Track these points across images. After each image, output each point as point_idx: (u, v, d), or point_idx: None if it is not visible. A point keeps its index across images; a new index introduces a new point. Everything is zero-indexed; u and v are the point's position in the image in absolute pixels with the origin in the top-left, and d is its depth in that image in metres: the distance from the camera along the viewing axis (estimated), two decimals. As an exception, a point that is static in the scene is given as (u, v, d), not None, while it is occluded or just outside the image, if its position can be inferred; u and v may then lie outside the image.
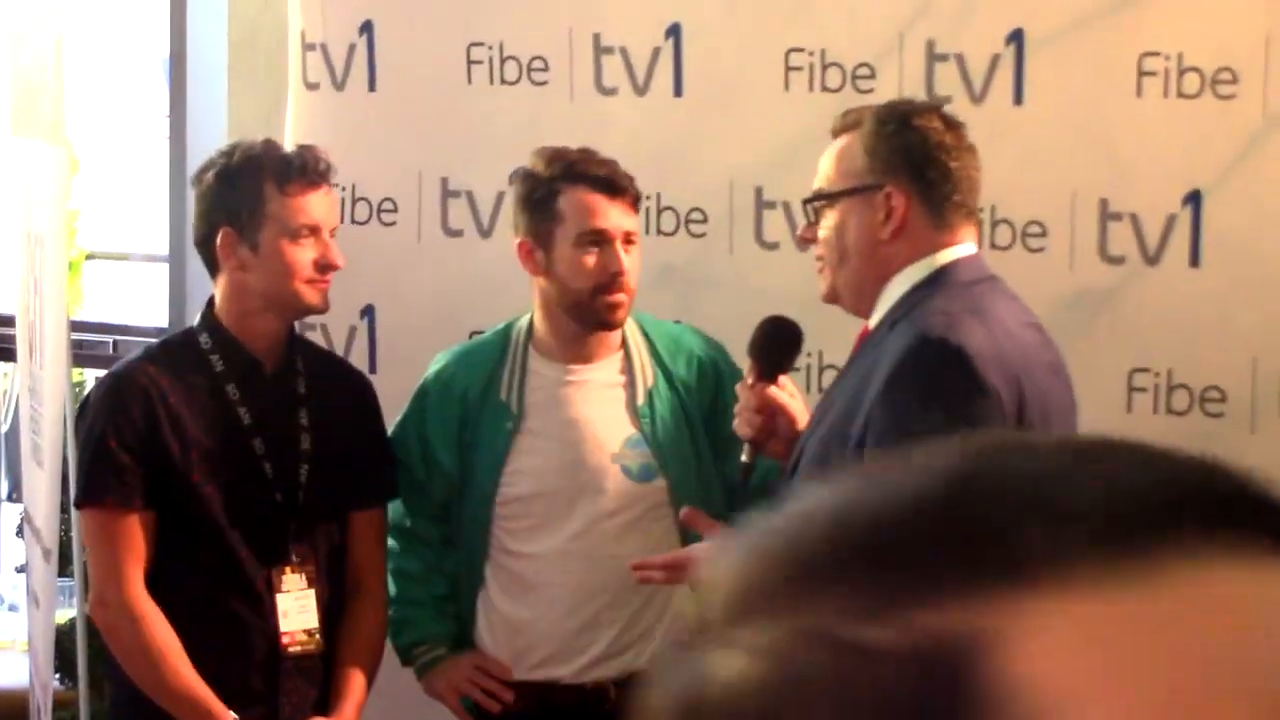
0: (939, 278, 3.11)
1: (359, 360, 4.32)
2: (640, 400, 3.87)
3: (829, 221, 3.20)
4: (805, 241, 3.33)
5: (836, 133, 3.25)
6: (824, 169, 3.23)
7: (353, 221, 4.33)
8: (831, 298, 3.26)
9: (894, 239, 3.13)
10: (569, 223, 3.76)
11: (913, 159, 3.13)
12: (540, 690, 3.90)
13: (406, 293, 4.40)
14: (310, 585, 3.72)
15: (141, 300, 8.29)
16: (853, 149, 3.18)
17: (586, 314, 3.81)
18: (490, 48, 4.32)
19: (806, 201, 3.27)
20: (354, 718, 3.77)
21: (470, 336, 4.15)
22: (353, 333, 4.42)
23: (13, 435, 6.02)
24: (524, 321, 3.92)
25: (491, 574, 3.91)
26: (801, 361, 3.76)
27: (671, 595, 3.81)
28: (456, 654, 3.93)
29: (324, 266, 3.67)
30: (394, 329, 4.41)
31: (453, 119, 4.36)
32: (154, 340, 4.09)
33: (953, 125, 3.20)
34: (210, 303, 3.78)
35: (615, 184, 3.78)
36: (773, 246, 4.26)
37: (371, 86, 4.39)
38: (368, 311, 4.41)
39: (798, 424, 3.35)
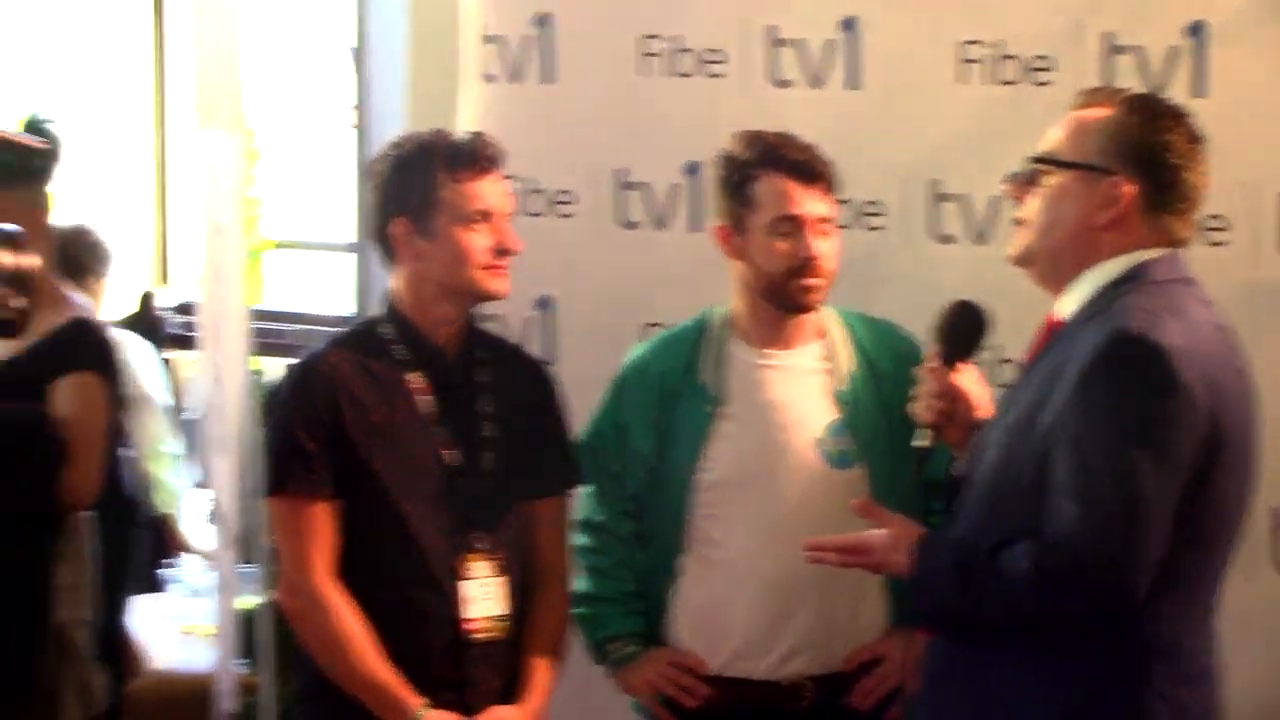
0: (1137, 274, 3.12)
1: (536, 351, 4.38)
2: (840, 386, 3.92)
3: (1046, 186, 3.20)
4: (1014, 197, 3.31)
5: (1080, 106, 3.24)
6: (1055, 135, 3.22)
7: (528, 214, 4.41)
8: (1024, 260, 3.25)
9: (1107, 228, 3.14)
10: (763, 208, 3.83)
11: (1151, 159, 3.14)
12: (735, 686, 3.94)
13: (582, 284, 4.48)
14: (495, 573, 3.75)
15: (331, 289, 8.39)
16: (1093, 127, 3.18)
17: (781, 297, 3.86)
18: (666, 40, 4.39)
19: (1033, 160, 3.24)
20: (541, 707, 3.81)
21: (645, 328, 4.23)
22: (528, 324, 4.51)
23: (202, 424, 6.17)
24: (721, 309, 3.97)
25: (685, 566, 3.95)
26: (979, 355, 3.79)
27: (864, 588, 3.85)
28: (649, 650, 3.98)
29: (500, 251, 3.71)
30: (570, 320, 4.49)
31: (628, 111, 4.43)
32: (338, 330, 4.16)
33: (1196, 138, 3.19)
34: (391, 292, 3.85)
35: (810, 169, 3.84)
36: (948, 240, 4.30)
37: (547, 79, 4.49)
38: (543, 303, 4.50)
39: (978, 411, 3.37)
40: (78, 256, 5.98)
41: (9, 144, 2.70)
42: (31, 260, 2.48)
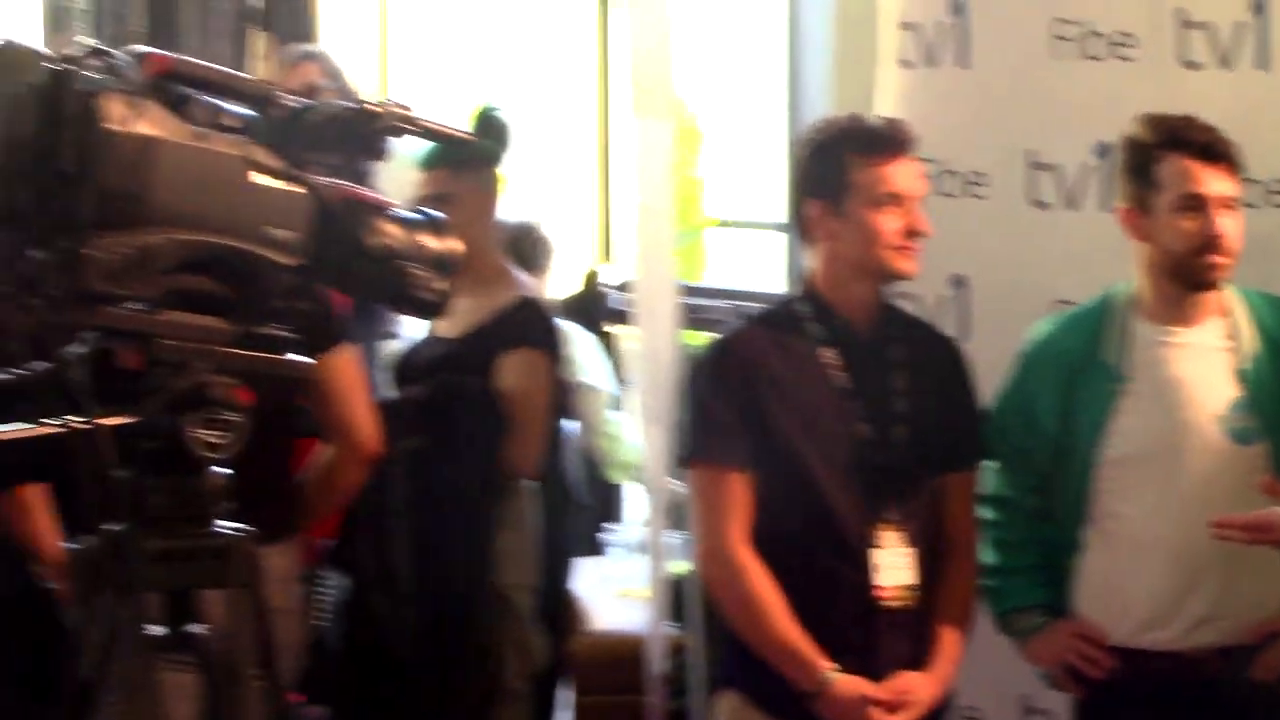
0: None
1: (950, 328, 4.42)
2: (1243, 365, 3.90)
3: None
4: None
5: None
6: None
7: (943, 194, 4.49)
8: None
9: None
10: (1168, 188, 3.83)
11: None
12: (1138, 657, 3.93)
13: (994, 263, 4.51)
14: (905, 543, 3.81)
15: (768, 267, 8.50)
16: None
17: (1186, 276, 3.87)
18: (1077, 24, 4.41)
19: None
20: (948, 674, 3.86)
21: (1054, 306, 4.26)
22: (943, 302, 4.58)
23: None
24: (1124, 287, 3.98)
25: (1089, 540, 3.97)
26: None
27: (1269, 559, 3.80)
28: (1054, 621, 4.01)
29: (910, 233, 3.78)
30: (983, 298, 4.53)
31: (1039, 94, 4.45)
32: (758, 307, 4.23)
33: None
34: (807, 271, 3.96)
35: (1214, 150, 3.83)
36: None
37: (962, 64, 4.55)
38: (958, 281, 4.57)
39: None
40: (524, 250, 6.26)
41: (460, 134, 2.90)
42: (454, 245, 2.67)
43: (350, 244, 2.57)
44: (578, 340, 6.38)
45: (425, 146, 4.26)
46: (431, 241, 2.64)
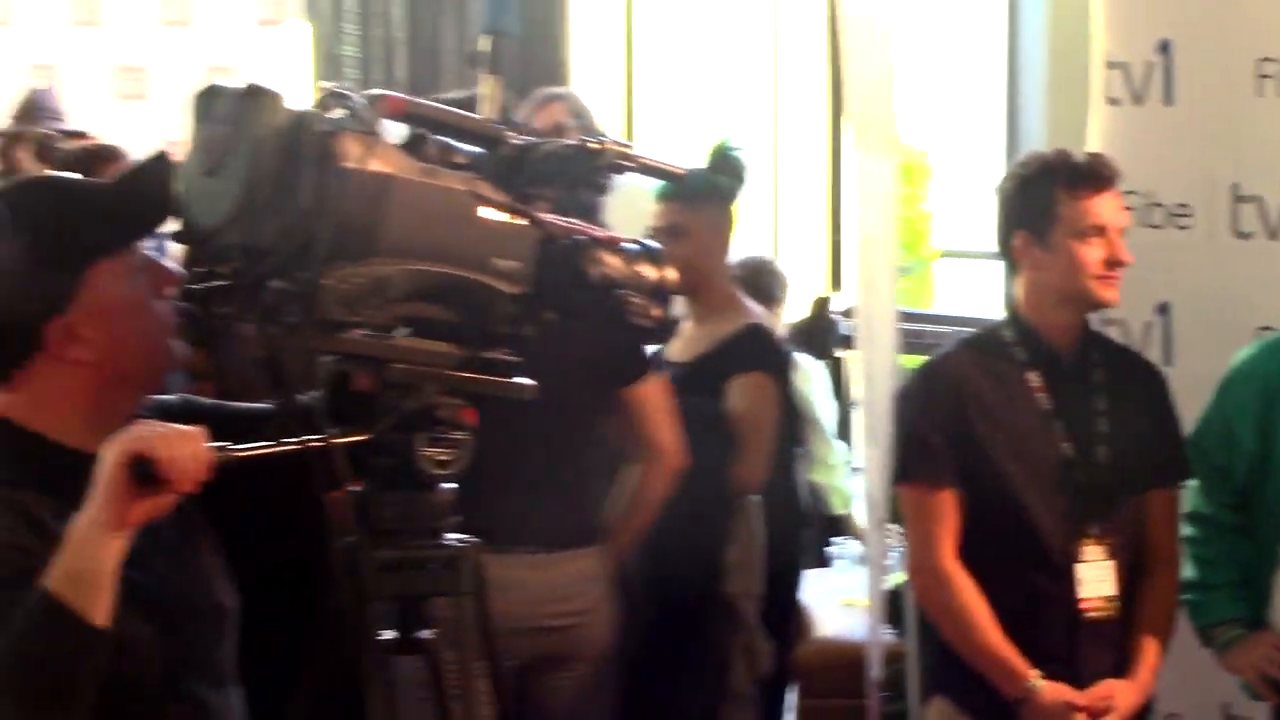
0: None
1: (1155, 354, 4.34)
2: None
3: None
4: None
5: None
6: None
7: (1149, 225, 4.39)
8: None
9: None
10: None
11: None
12: None
13: (1197, 291, 4.40)
14: (1107, 557, 3.77)
15: (991, 295, 8.43)
16: None
17: None
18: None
19: None
20: (1148, 682, 3.81)
21: (1256, 333, 4.15)
22: (1149, 328, 4.47)
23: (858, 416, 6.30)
24: None
25: None
26: None
27: None
28: (1254, 633, 3.90)
29: (1112, 263, 3.74)
30: (1187, 325, 4.42)
31: (1242, 130, 4.33)
32: (967, 332, 4.22)
33: None
34: (1013, 299, 3.91)
35: None
36: None
37: (1167, 101, 4.46)
38: (1162, 308, 4.47)
39: None
40: (761, 284, 6.24)
41: (677, 169, 2.87)
42: (671, 274, 2.64)
43: (571, 273, 2.54)
44: (804, 369, 6.34)
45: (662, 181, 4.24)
46: (649, 271, 2.61)
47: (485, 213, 2.49)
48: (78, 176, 2.64)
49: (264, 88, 2.36)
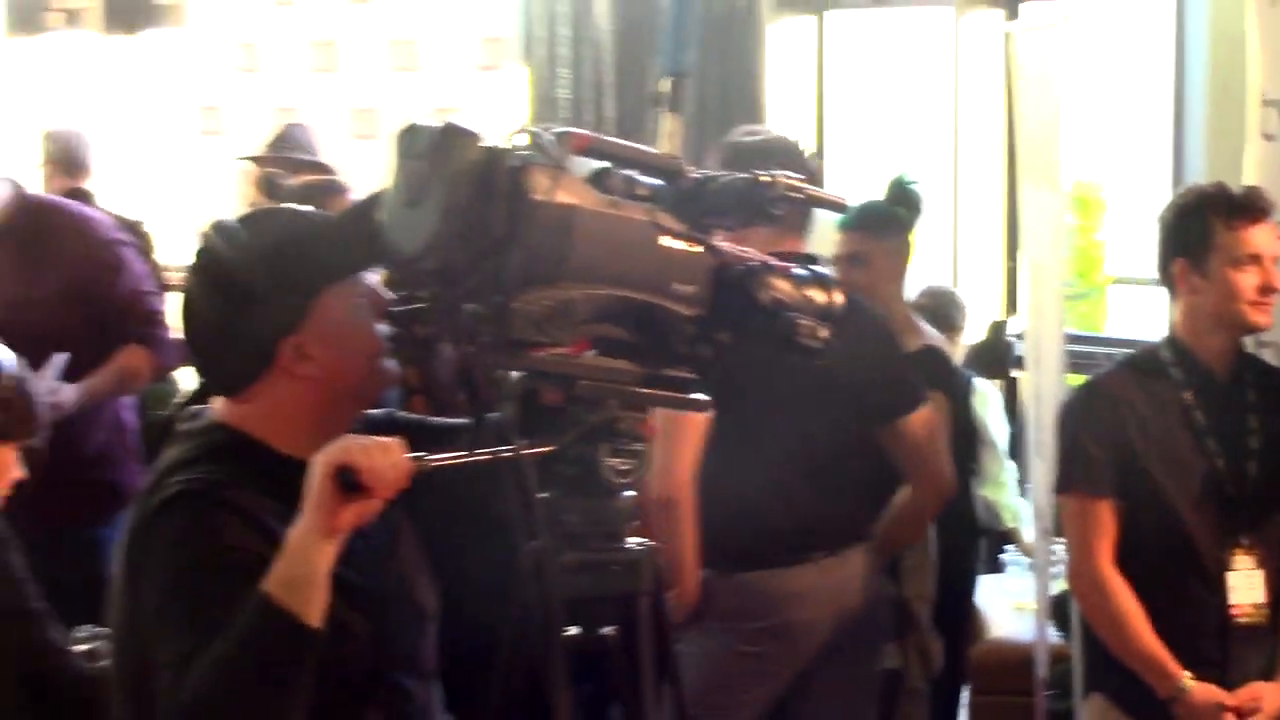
0: None
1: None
2: None
3: None
4: None
5: None
6: None
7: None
8: None
9: None
10: None
11: None
12: None
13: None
14: (1257, 566, 3.72)
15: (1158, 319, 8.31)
16: None
17: None
18: None
19: None
20: None
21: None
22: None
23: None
24: None
25: None
26: None
27: None
28: None
29: (1265, 290, 3.70)
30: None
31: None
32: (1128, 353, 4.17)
33: None
34: (1171, 322, 3.87)
35: None
36: None
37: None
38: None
39: None
40: (943, 311, 6.20)
41: (840, 201, 2.86)
42: (839, 298, 2.62)
43: (744, 297, 2.54)
44: (981, 392, 6.26)
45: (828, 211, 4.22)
46: (818, 295, 2.60)
47: (665, 241, 2.50)
48: (311, 209, 2.68)
49: (460, 126, 2.39)
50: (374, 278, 2.57)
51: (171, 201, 8.34)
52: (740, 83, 7.82)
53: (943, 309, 6.24)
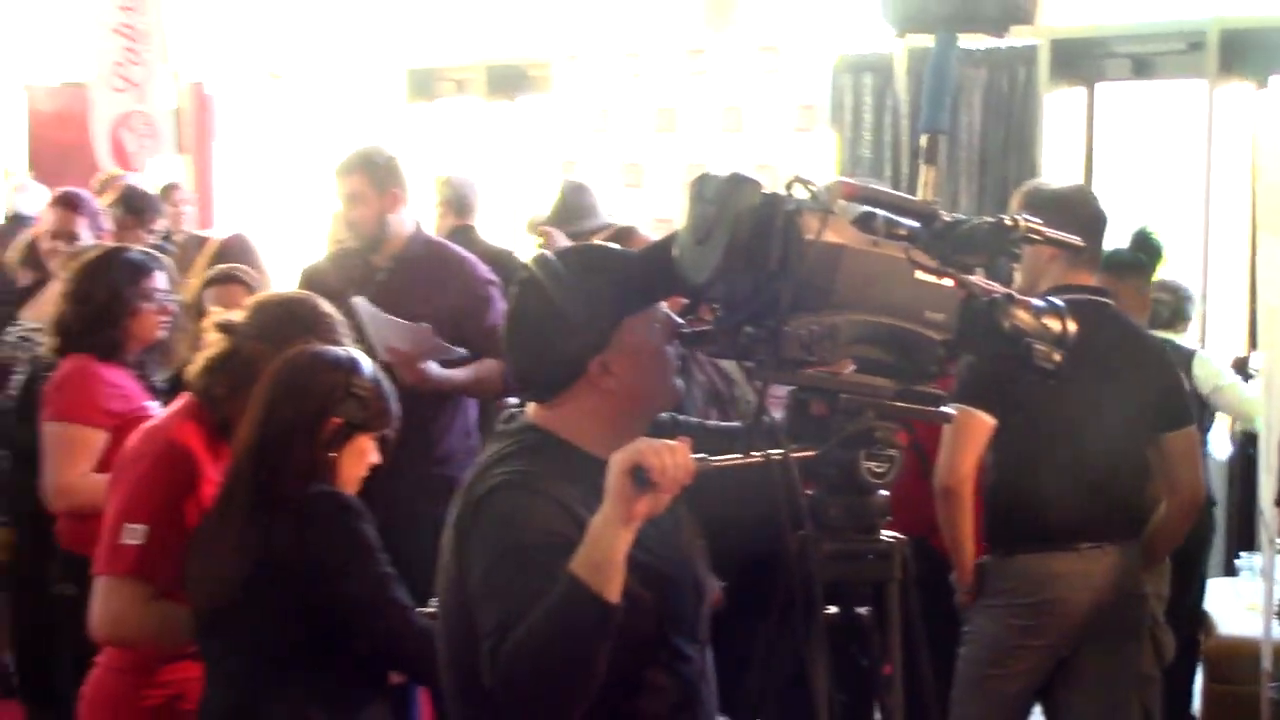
0: None
1: None
2: None
3: None
4: None
5: None
6: None
7: None
8: None
9: None
10: None
11: None
12: None
13: None
14: None
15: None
16: None
17: None
18: None
19: None
20: None
21: None
22: None
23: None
24: None
25: None
26: None
27: None
28: None
29: None
30: None
31: None
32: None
33: None
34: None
35: None
36: None
37: None
38: None
39: None
40: (1179, 306, 5.96)
41: (1074, 242, 2.77)
42: (1072, 327, 2.52)
43: (988, 324, 2.47)
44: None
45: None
46: (1054, 324, 2.52)
47: (919, 275, 2.45)
48: (618, 247, 2.67)
49: (744, 175, 2.38)
50: (666, 305, 2.55)
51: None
52: (1019, 144, 7.80)
53: (1179, 304, 6.01)
